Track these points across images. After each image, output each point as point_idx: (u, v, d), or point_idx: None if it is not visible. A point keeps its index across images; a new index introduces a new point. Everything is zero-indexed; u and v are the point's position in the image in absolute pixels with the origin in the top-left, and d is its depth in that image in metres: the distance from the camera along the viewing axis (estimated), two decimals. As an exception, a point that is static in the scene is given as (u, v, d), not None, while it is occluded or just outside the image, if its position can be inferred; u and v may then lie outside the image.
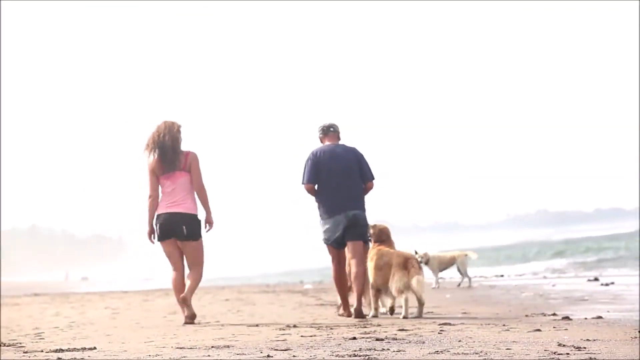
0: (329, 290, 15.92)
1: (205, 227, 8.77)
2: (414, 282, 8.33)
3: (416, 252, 14.11)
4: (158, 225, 8.64)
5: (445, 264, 15.58)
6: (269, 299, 13.47)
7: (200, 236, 8.69)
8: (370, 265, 8.71)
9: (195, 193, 8.72)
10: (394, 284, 8.46)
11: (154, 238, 8.73)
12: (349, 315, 8.85)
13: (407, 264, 8.46)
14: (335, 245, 8.95)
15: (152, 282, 47.05)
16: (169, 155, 8.66)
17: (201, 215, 8.79)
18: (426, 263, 15.05)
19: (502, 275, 24.00)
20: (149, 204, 8.74)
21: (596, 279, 16.52)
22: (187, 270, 8.78)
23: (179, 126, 8.77)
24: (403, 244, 12.24)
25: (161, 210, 8.65)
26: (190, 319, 8.44)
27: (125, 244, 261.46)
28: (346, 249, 8.96)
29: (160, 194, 8.75)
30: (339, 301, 9.14)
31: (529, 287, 14.86)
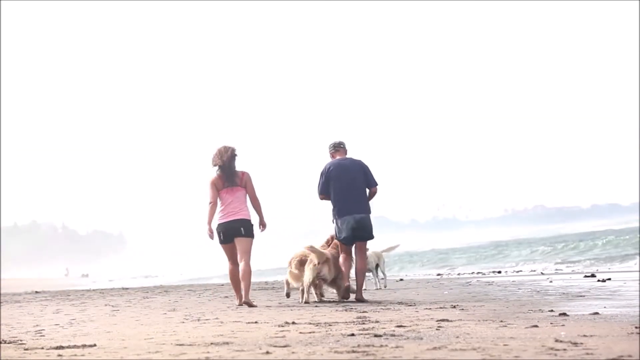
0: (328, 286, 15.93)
1: (260, 228, 11.00)
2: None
3: None
4: (222, 232, 10.83)
5: (370, 263, 14.04)
6: (267, 295, 13.50)
7: (253, 235, 10.90)
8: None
9: (249, 203, 10.96)
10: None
11: (217, 239, 10.86)
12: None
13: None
14: (345, 242, 11.11)
15: (153, 279, 47.08)
16: (229, 173, 10.84)
17: (254, 220, 11.01)
18: None
19: (499, 272, 24.06)
20: (209, 208, 10.84)
21: (593, 275, 16.58)
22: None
23: (234, 149, 10.91)
24: (401, 239, 12.27)
25: (223, 220, 10.83)
26: (248, 305, 10.53)
27: (125, 241, 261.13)
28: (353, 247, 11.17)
29: (220, 205, 10.89)
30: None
31: (526, 283, 14.90)
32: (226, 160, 10.85)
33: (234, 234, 10.80)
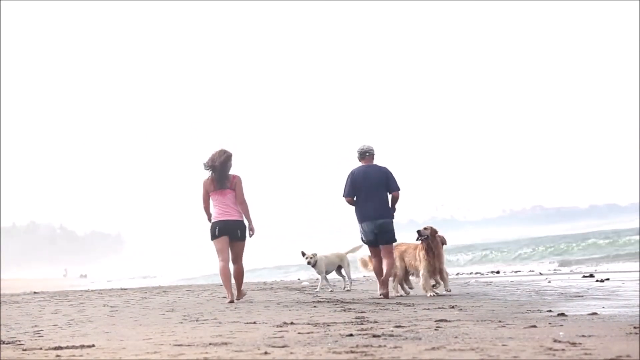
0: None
1: (249, 233, 11.48)
2: None
3: (304, 254, 13.73)
4: (217, 228, 11.36)
5: (332, 264, 14.12)
6: (266, 296, 13.50)
7: (246, 238, 11.50)
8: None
9: (238, 206, 11.41)
10: None
11: (210, 235, 11.41)
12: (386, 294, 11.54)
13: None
14: (369, 244, 11.83)
15: (151, 280, 47.10)
16: (221, 176, 11.36)
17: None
18: (314, 265, 13.82)
19: (497, 272, 24.07)
20: (204, 208, 11.50)
21: (591, 275, 16.60)
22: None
23: (230, 154, 11.44)
24: (400, 240, 12.33)
25: (218, 218, 11.39)
26: (238, 298, 11.59)
27: (123, 241, 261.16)
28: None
29: (213, 206, 11.45)
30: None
31: (524, 283, 14.91)
32: (218, 164, 11.37)
33: (230, 233, 11.39)
